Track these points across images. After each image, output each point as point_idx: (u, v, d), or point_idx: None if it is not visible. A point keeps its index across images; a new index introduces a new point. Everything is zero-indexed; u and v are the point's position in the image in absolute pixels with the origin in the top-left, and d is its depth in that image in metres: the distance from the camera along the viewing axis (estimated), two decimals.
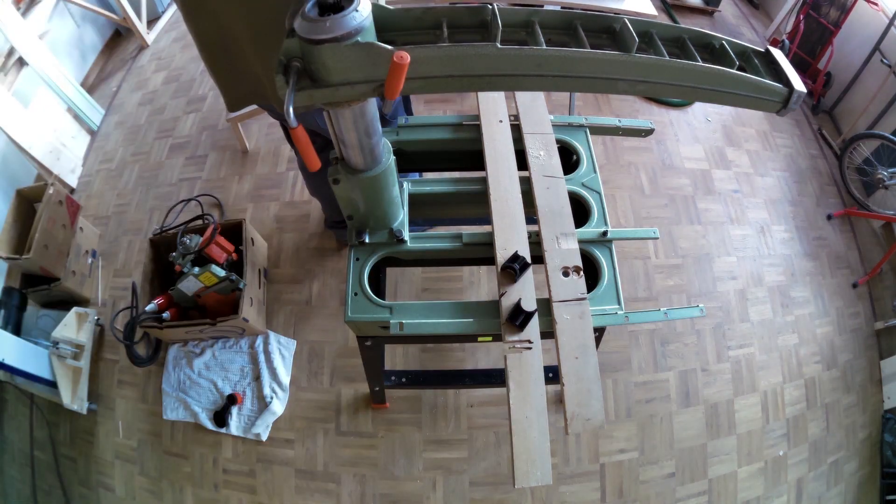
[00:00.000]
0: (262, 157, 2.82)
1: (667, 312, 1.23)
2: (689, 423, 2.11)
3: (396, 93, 0.79)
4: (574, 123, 1.55)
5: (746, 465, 2.07)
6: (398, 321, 1.16)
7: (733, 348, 2.30)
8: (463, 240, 1.31)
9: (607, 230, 1.32)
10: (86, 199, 2.76)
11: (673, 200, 2.70)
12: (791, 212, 2.79)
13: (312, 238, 2.51)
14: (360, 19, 0.76)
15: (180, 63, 3.41)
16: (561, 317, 1.15)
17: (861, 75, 3.05)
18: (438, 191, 1.43)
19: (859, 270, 2.68)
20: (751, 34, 3.78)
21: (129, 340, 2.19)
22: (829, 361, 2.37)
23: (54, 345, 2.07)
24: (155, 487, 1.99)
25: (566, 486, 1.95)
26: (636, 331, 2.27)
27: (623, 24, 0.90)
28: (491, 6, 0.88)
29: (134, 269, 2.46)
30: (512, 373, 1.08)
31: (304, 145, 0.84)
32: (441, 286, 2.35)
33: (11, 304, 2.26)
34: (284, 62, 0.80)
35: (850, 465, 2.17)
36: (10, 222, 2.24)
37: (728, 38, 0.99)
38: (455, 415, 2.06)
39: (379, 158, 1.09)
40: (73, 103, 2.91)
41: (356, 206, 1.21)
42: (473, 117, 1.52)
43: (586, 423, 1.05)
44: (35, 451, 2.11)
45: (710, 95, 0.96)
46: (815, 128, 3.25)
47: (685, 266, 2.49)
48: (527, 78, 0.89)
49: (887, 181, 2.64)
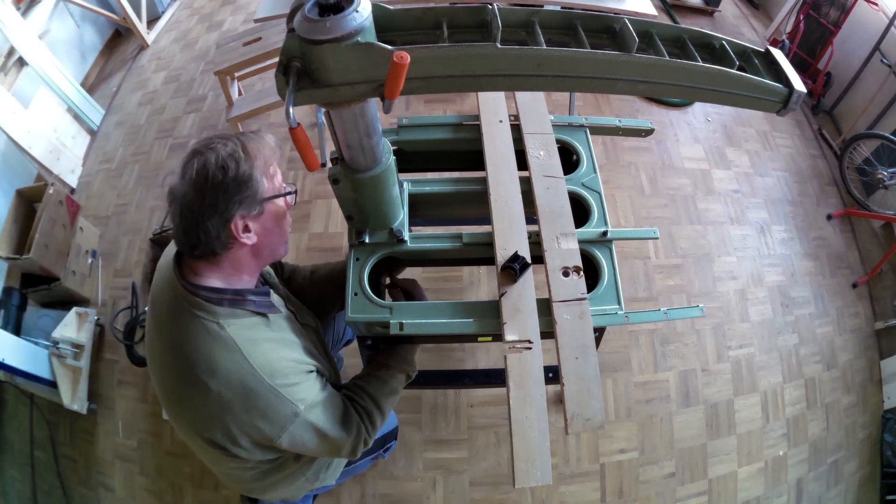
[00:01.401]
0: None
1: (667, 312, 1.22)
2: (689, 423, 2.11)
3: (396, 93, 0.79)
4: (574, 123, 1.55)
5: (746, 465, 2.07)
6: (398, 321, 1.16)
7: (733, 348, 2.30)
8: (463, 240, 1.31)
9: (607, 230, 1.32)
10: (86, 199, 2.76)
11: (673, 200, 2.70)
12: (791, 212, 2.79)
13: (312, 238, 2.51)
14: (360, 19, 0.76)
15: (180, 63, 3.41)
16: (561, 317, 1.15)
17: (861, 75, 3.05)
18: (438, 191, 1.42)
19: (859, 270, 2.68)
20: (751, 34, 3.78)
21: (129, 340, 2.19)
22: (829, 361, 2.37)
23: (54, 345, 2.07)
24: (155, 487, 1.99)
25: (566, 486, 1.95)
26: (636, 331, 2.27)
27: (623, 24, 0.90)
28: (491, 6, 0.88)
29: (134, 269, 2.46)
30: (512, 373, 1.08)
31: (303, 145, 0.84)
32: (441, 286, 2.35)
33: (11, 304, 2.26)
34: (284, 62, 0.80)
35: (850, 465, 2.17)
36: (10, 222, 2.24)
37: (728, 38, 0.99)
38: (455, 415, 2.06)
39: (379, 158, 1.09)
40: (73, 103, 2.91)
41: (356, 206, 1.21)
42: (473, 117, 1.52)
43: (586, 423, 1.05)
44: (35, 451, 2.11)
45: (710, 95, 0.96)
46: (815, 128, 3.25)
47: (685, 266, 2.49)
48: (527, 78, 0.89)
49: (887, 181, 2.64)
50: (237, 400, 0.86)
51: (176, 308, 0.88)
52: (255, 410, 0.87)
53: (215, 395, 0.85)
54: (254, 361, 0.86)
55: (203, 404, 0.87)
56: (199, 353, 0.85)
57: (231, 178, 0.83)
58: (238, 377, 0.85)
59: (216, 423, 0.88)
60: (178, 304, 0.87)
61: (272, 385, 0.86)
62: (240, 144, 0.86)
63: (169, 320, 0.90)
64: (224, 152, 0.84)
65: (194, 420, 0.92)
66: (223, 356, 0.85)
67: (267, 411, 0.88)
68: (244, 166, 0.84)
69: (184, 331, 0.87)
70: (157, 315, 0.93)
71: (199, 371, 0.85)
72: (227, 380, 0.85)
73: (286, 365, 0.91)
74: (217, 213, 0.83)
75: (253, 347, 0.87)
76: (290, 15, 0.81)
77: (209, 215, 0.83)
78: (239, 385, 0.85)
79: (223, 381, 0.85)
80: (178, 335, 0.88)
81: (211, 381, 0.84)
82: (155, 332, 0.94)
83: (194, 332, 0.86)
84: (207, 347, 0.85)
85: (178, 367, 0.88)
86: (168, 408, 0.97)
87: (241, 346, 0.86)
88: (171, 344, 0.89)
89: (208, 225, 0.83)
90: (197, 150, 0.85)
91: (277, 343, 0.94)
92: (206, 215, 0.83)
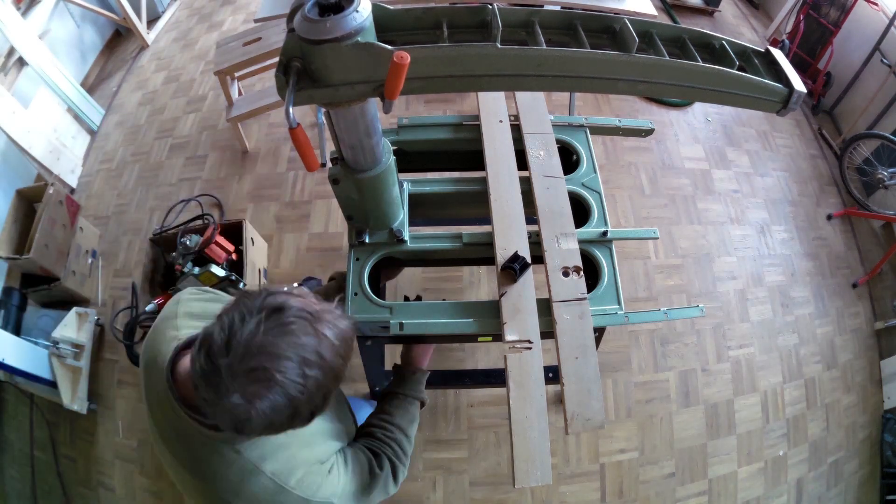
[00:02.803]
0: (262, 157, 2.82)
1: (667, 312, 1.23)
2: (689, 423, 2.11)
3: (397, 93, 0.79)
4: (574, 123, 1.55)
5: (746, 465, 2.07)
6: (398, 321, 1.16)
7: (733, 348, 2.30)
8: (463, 240, 1.31)
9: (607, 230, 1.32)
10: (86, 199, 2.76)
11: (673, 200, 2.70)
12: (791, 212, 2.79)
13: (312, 238, 2.51)
14: (361, 20, 0.76)
15: (180, 63, 3.41)
16: (561, 317, 1.15)
17: (861, 75, 3.05)
18: (438, 191, 1.42)
19: (859, 270, 2.67)
20: (751, 34, 3.78)
21: (129, 340, 2.19)
22: (829, 361, 2.37)
23: (54, 345, 2.06)
24: (155, 487, 1.99)
25: (566, 486, 1.95)
26: (636, 331, 2.27)
27: (623, 24, 0.90)
28: (491, 6, 0.88)
29: (134, 269, 2.46)
30: (512, 373, 1.08)
31: (302, 146, 0.84)
32: (441, 286, 2.35)
33: (11, 304, 2.26)
34: (284, 62, 0.80)
35: (850, 465, 2.17)
36: (10, 222, 2.23)
37: (728, 38, 0.99)
38: (455, 415, 2.06)
39: (379, 158, 1.09)
40: (73, 103, 2.91)
41: (356, 206, 1.21)
42: (473, 117, 1.52)
43: (586, 423, 1.05)
44: (35, 451, 2.11)
45: (710, 95, 0.96)
46: (815, 128, 3.25)
47: (685, 266, 2.49)
48: (527, 78, 0.89)
49: (887, 181, 2.64)
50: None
51: (185, 432, 0.77)
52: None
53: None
54: (279, 479, 0.78)
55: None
56: (222, 480, 0.77)
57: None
58: (268, 498, 0.79)
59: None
60: (186, 429, 0.76)
61: (302, 497, 0.80)
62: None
63: (178, 442, 0.80)
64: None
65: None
66: (248, 482, 0.78)
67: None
68: None
69: (200, 457, 0.78)
70: (159, 424, 0.82)
71: (222, 492, 0.78)
72: (256, 501, 0.79)
73: (311, 469, 0.84)
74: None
75: (276, 463, 0.79)
76: (290, 15, 0.81)
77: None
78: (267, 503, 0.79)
79: (250, 501, 0.79)
80: (194, 459, 0.79)
81: (235, 500, 0.78)
82: (162, 442, 0.83)
83: (213, 460, 0.77)
84: (229, 476, 0.77)
85: (203, 488, 0.80)
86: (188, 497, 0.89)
87: (262, 466, 0.78)
88: (189, 465, 0.80)
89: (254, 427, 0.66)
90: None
91: (298, 445, 0.84)
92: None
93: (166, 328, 0.87)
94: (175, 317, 0.89)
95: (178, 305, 0.92)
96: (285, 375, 0.62)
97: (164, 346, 0.83)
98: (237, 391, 0.61)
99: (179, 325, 0.87)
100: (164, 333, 0.86)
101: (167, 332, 0.86)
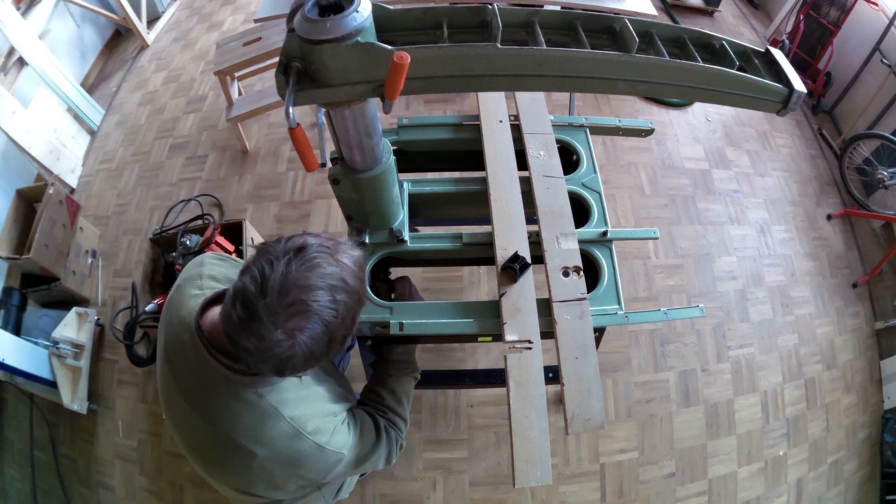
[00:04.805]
0: (262, 157, 2.82)
1: (667, 312, 1.23)
2: (689, 423, 2.11)
3: (397, 93, 0.79)
4: (574, 123, 1.55)
5: (746, 465, 2.07)
6: (398, 321, 1.16)
7: (733, 348, 2.30)
8: (463, 240, 1.31)
9: (607, 230, 1.32)
10: (86, 199, 2.76)
11: (673, 200, 2.70)
12: (791, 212, 2.79)
13: None
14: (361, 20, 0.76)
15: (180, 63, 3.41)
16: (561, 317, 1.15)
17: (861, 75, 3.05)
18: (438, 191, 1.42)
19: (859, 270, 2.67)
20: (751, 34, 3.78)
21: (129, 340, 2.19)
22: (829, 361, 2.37)
23: (54, 345, 2.06)
24: (155, 487, 1.99)
25: (566, 486, 1.95)
26: (636, 331, 2.27)
27: (623, 24, 0.90)
28: (491, 6, 0.88)
29: (134, 269, 2.46)
30: (512, 373, 1.08)
31: (302, 146, 0.84)
32: (441, 286, 2.35)
33: (11, 304, 2.26)
34: (284, 62, 0.80)
35: (850, 465, 2.17)
36: (10, 222, 2.23)
37: (728, 38, 0.99)
38: (455, 415, 2.06)
39: (379, 158, 1.09)
40: (73, 103, 2.91)
41: (356, 206, 1.21)
42: (473, 117, 1.52)
43: (586, 423, 1.05)
44: (35, 451, 2.11)
45: (710, 95, 0.96)
46: (815, 128, 3.25)
47: (685, 266, 2.49)
48: (527, 78, 0.89)
49: (887, 181, 2.64)
50: (284, 461, 0.84)
51: (207, 377, 0.81)
52: (302, 467, 0.86)
53: (261, 460, 0.83)
54: (297, 424, 0.83)
55: (247, 466, 0.84)
56: (240, 423, 0.81)
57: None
58: (285, 442, 0.83)
59: (260, 480, 0.87)
60: (209, 374, 0.80)
61: (316, 443, 0.85)
62: None
63: (198, 389, 0.83)
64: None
65: (235, 479, 0.90)
66: (267, 424, 0.82)
67: (314, 465, 0.87)
68: None
69: (220, 402, 0.81)
70: (177, 375, 0.86)
71: (243, 440, 0.81)
72: (274, 446, 0.82)
73: (325, 420, 0.89)
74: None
75: (294, 410, 0.84)
76: (290, 15, 0.81)
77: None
78: (286, 448, 0.83)
79: (270, 447, 0.82)
80: (213, 405, 0.82)
81: (257, 448, 0.82)
82: (178, 392, 0.86)
83: (233, 404, 0.81)
84: (249, 418, 0.81)
85: (215, 433, 0.83)
86: (200, 465, 0.92)
87: (283, 412, 0.82)
88: (205, 412, 0.83)
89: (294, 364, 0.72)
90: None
91: (313, 398, 0.90)
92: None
93: (190, 287, 0.91)
94: (200, 277, 0.93)
95: (202, 267, 0.96)
96: (319, 304, 0.68)
97: (188, 302, 0.87)
98: (279, 327, 0.66)
99: (204, 284, 0.92)
100: (188, 291, 0.90)
101: (191, 290, 0.90)
